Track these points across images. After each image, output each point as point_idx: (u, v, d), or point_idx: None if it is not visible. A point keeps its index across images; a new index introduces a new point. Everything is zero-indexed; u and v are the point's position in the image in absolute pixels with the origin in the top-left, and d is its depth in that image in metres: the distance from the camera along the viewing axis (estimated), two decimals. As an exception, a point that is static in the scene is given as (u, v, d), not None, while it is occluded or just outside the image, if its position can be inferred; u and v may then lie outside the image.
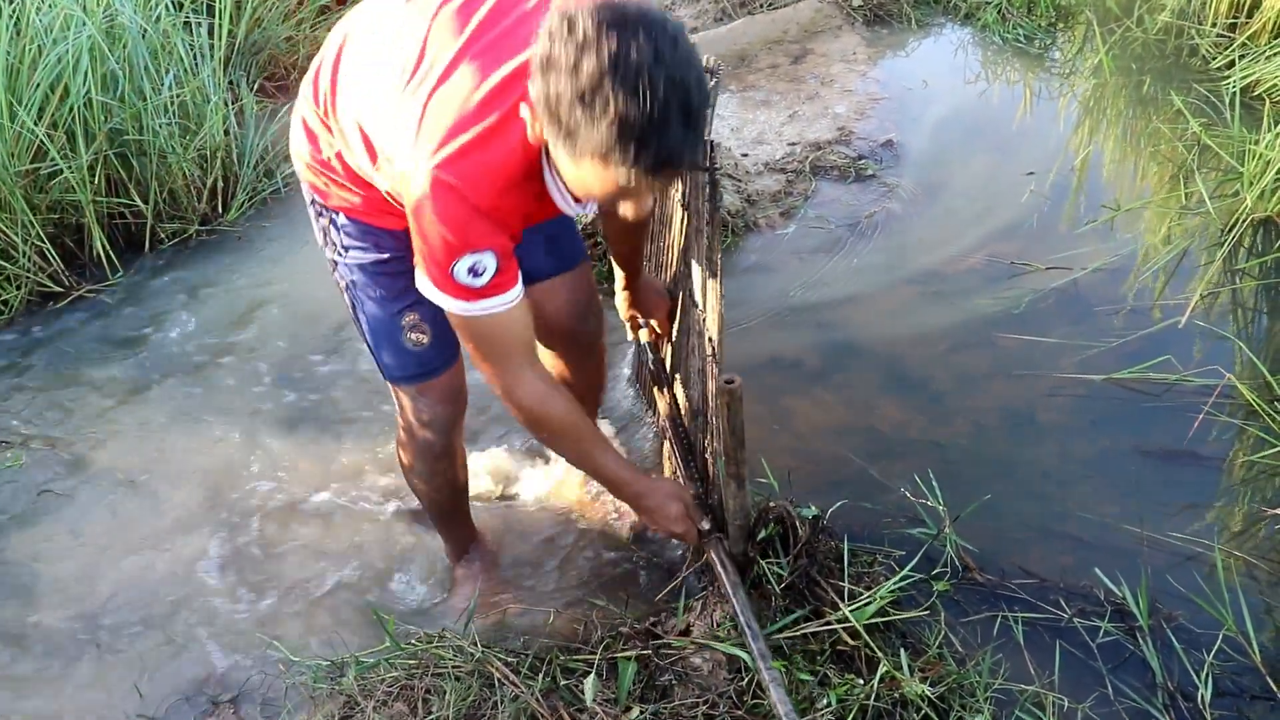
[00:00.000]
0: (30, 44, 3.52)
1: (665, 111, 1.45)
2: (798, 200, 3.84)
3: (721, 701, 1.98)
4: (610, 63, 1.43)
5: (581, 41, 1.44)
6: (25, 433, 3.00)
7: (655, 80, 1.43)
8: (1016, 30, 4.97)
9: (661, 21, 1.47)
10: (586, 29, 1.44)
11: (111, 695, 2.30)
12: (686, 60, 1.47)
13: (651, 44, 1.44)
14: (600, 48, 1.43)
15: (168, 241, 3.79)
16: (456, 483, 2.34)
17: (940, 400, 2.91)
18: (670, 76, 1.44)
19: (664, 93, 1.44)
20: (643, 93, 1.43)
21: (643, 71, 1.43)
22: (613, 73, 1.43)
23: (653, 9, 1.48)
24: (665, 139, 1.47)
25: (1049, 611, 2.28)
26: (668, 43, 1.45)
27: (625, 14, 1.45)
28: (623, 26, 1.44)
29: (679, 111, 1.46)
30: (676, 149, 1.49)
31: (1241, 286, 3.26)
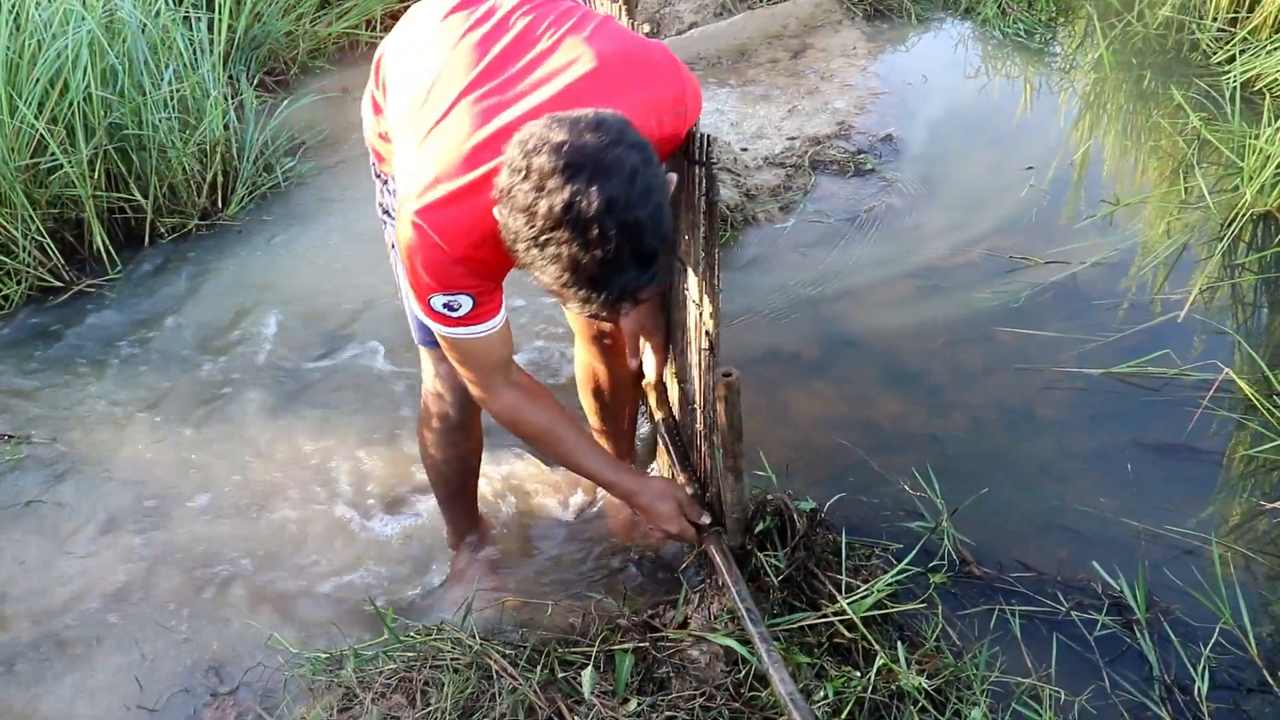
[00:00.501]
0: (30, 39, 3.53)
1: (618, 257, 1.48)
2: (797, 195, 3.84)
3: (719, 694, 1.99)
4: (563, 211, 1.45)
5: (537, 184, 1.46)
6: (25, 427, 3.00)
7: (607, 229, 1.45)
8: (1017, 25, 4.97)
9: (619, 160, 1.47)
10: (543, 170, 1.46)
11: (111, 686, 2.30)
12: (643, 197, 1.47)
13: (606, 189, 1.45)
14: (553, 194, 1.45)
15: (167, 236, 3.79)
16: (468, 461, 2.35)
17: (938, 394, 2.91)
18: (623, 222, 1.46)
19: (616, 240, 1.47)
20: (594, 242, 1.46)
21: (594, 221, 1.45)
22: (565, 222, 1.46)
23: (615, 139, 1.48)
24: (617, 282, 1.51)
25: (1046, 605, 2.28)
26: (623, 183, 1.46)
27: (583, 154, 1.46)
28: (578, 170, 1.45)
29: (631, 256, 1.49)
30: (630, 288, 1.53)
31: (1241, 281, 3.26)
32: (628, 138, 1.50)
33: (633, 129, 1.53)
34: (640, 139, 1.52)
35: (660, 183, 1.53)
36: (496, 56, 1.77)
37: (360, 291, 3.45)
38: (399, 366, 3.14)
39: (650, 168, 1.51)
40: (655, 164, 1.53)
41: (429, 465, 2.38)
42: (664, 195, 1.53)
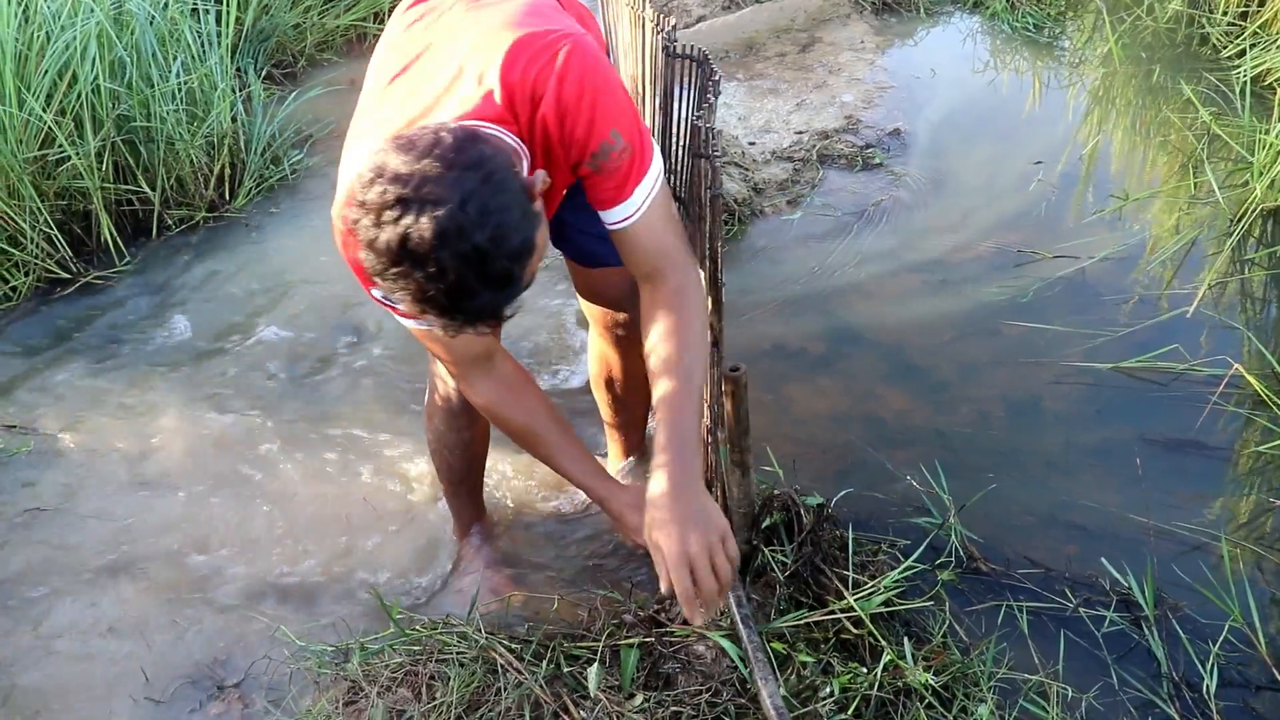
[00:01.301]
0: (38, 31, 3.53)
1: (463, 285, 1.45)
2: (805, 189, 3.83)
3: (725, 689, 1.98)
4: (399, 246, 1.42)
5: (374, 219, 1.44)
6: (32, 418, 3.01)
7: (443, 261, 1.42)
8: (1025, 19, 4.96)
9: (452, 185, 1.42)
10: (376, 204, 1.43)
11: (117, 677, 2.31)
12: (480, 221, 1.42)
13: (436, 221, 1.41)
14: (388, 229, 1.43)
15: (175, 228, 3.79)
16: (471, 447, 2.35)
17: (946, 389, 2.91)
18: (460, 252, 1.42)
19: (456, 270, 1.43)
20: (435, 275, 1.44)
21: (430, 255, 1.42)
22: (403, 257, 1.43)
23: (450, 163, 1.44)
24: (471, 306, 1.48)
25: (1054, 601, 2.27)
26: (453, 212, 1.41)
27: (412, 184, 1.42)
28: (408, 203, 1.42)
29: (479, 280, 1.45)
30: (488, 309, 1.50)
31: (1250, 276, 3.24)
32: (464, 158, 1.45)
33: (476, 143, 1.48)
34: (482, 154, 1.47)
35: (506, 200, 1.47)
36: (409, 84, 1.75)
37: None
38: (407, 357, 3.14)
39: (490, 185, 1.45)
40: (499, 179, 1.46)
41: (434, 451, 2.38)
42: (510, 213, 1.46)
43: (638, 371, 2.39)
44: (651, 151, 1.75)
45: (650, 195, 1.75)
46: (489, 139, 1.53)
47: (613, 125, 1.67)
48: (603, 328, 2.34)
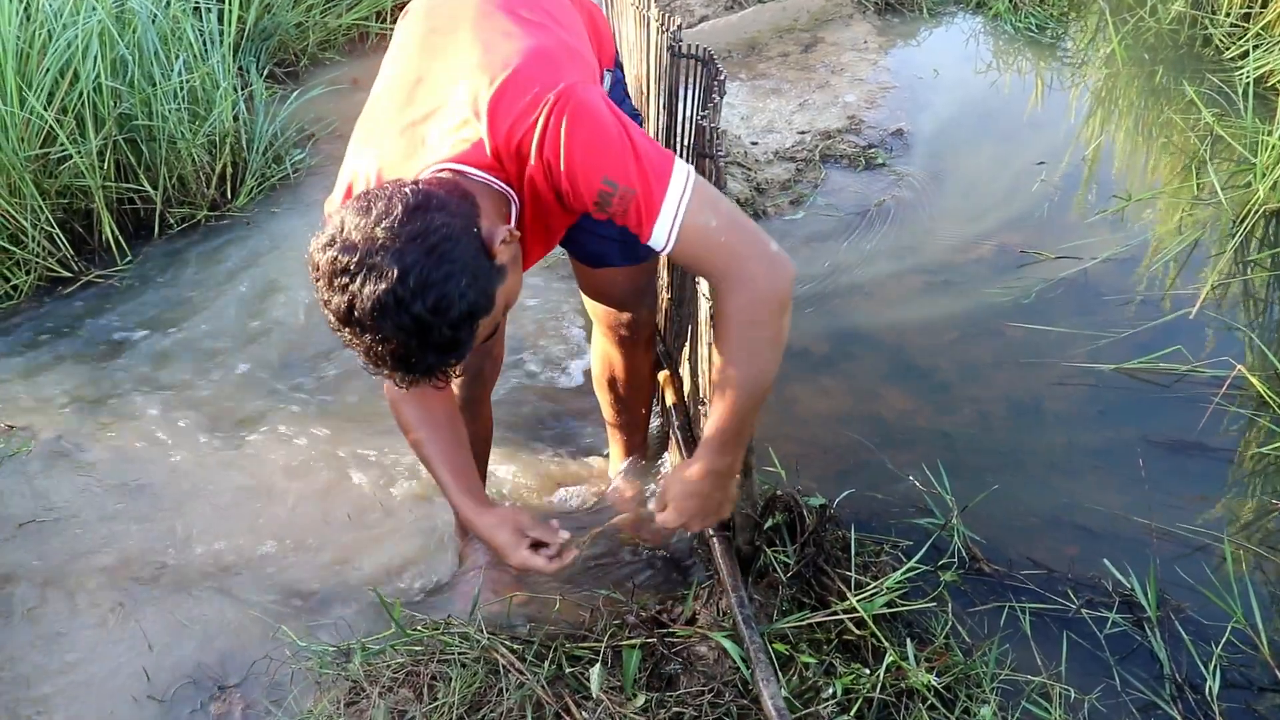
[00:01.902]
0: (40, 29, 3.53)
1: (406, 351, 1.51)
2: (807, 188, 3.83)
3: (727, 690, 1.98)
4: (347, 313, 1.49)
5: (326, 283, 1.50)
6: (31, 417, 3.00)
7: (384, 330, 1.48)
8: (1028, 19, 4.95)
9: (395, 257, 1.46)
10: (326, 269, 1.50)
11: (118, 678, 2.30)
12: (419, 293, 1.46)
13: (376, 293, 1.46)
14: (336, 294, 1.49)
15: (176, 227, 3.79)
16: (473, 448, 2.33)
17: (948, 389, 2.91)
18: (400, 324, 1.47)
19: (398, 339, 1.49)
20: (378, 341, 1.50)
21: (372, 324, 1.48)
22: (349, 323, 1.50)
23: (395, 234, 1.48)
24: (416, 368, 1.54)
25: (1056, 602, 2.27)
26: (394, 285, 1.46)
27: (358, 254, 1.47)
28: (354, 273, 1.47)
29: (420, 347, 1.50)
30: (430, 370, 1.55)
31: (1253, 277, 3.24)
32: (411, 229, 1.48)
33: (427, 212, 1.51)
34: (430, 224, 1.50)
35: (450, 269, 1.49)
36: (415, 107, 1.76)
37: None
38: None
39: (434, 256, 1.48)
40: (444, 249, 1.49)
41: None
42: (453, 281, 1.49)
43: (640, 371, 2.39)
44: (665, 179, 1.64)
45: (676, 221, 1.64)
46: (448, 200, 1.55)
47: (603, 174, 1.62)
48: (606, 327, 2.33)
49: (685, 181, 1.65)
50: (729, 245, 1.67)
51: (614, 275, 2.19)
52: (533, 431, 2.89)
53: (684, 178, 1.65)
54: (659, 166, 1.65)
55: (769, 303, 1.67)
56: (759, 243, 1.68)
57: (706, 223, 1.65)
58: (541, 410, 2.95)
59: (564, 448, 2.83)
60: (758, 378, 1.74)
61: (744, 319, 1.68)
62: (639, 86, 2.57)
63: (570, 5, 1.94)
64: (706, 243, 1.66)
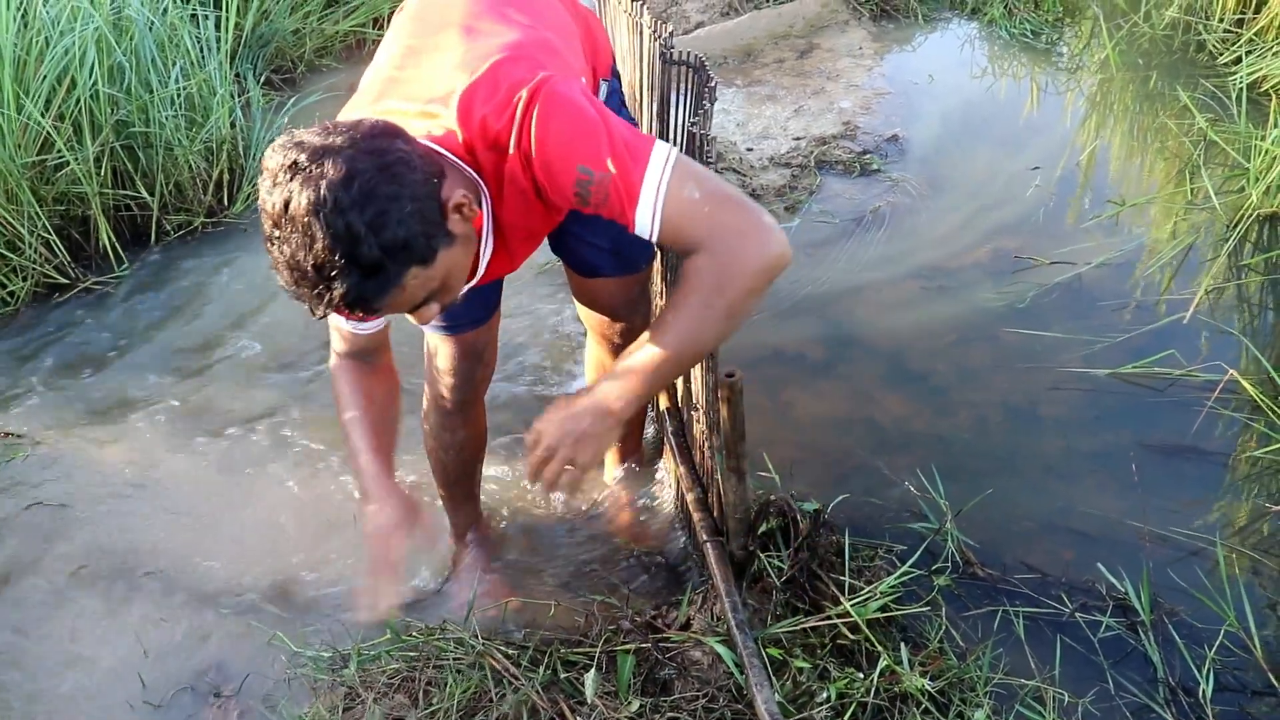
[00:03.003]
0: (38, 36, 3.54)
1: (330, 261, 1.45)
2: (803, 195, 3.84)
3: (721, 695, 1.98)
4: (281, 209, 1.46)
5: (269, 184, 1.47)
6: (29, 424, 3.01)
7: (313, 231, 1.44)
8: (1023, 25, 4.96)
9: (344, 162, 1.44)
10: (272, 169, 1.47)
11: (114, 685, 2.31)
12: (360, 202, 1.44)
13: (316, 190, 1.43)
14: (275, 192, 1.46)
15: (173, 234, 3.80)
16: (466, 449, 2.35)
17: (943, 394, 2.91)
18: (332, 226, 1.43)
19: (325, 243, 1.44)
20: (305, 244, 1.45)
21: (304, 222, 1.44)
22: (282, 220, 1.46)
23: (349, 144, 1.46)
24: (338, 287, 1.48)
25: (1050, 606, 2.27)
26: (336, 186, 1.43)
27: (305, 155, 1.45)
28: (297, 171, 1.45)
29: (346, 261, 1.46)
30: (348, 293, 1.49)
31: (1247, 282, 3.25)
32: (371, 144, 1.47)
33: (393, 138, 1.50)
34: (390, 146, 1.48)
35: (397, 191, 1.47)
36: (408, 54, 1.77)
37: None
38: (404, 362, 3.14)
39: (385, 173, 1.46)
40: (397, 171, 1.47)
41: (429, 451, 2.38)
42: (398, 205, 1.47)
43: None
44: (643, 162, 1.60)
45: (658, 203, 1.59)
46: (414, 142, 1.54)
47: (578, 162, 1.59)
48: (600, 335, 2.34)
49: (665, 162, 1.60)
50: (712, 215, 1.60)
51: (607, 285, 2.19)
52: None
53: (664, 158, 1.61)
54: (636, 150, 1.61)
55: (748, 275, 1.59)
56: (747, 216, 1.61)
57: (689, 195, 1.60)
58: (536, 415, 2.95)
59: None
60: (696, 342, 1.66)
61: (710, 281, 1.60)
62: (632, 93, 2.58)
63: (563, 11, 1.95)
64: (689, 215, 1.60)
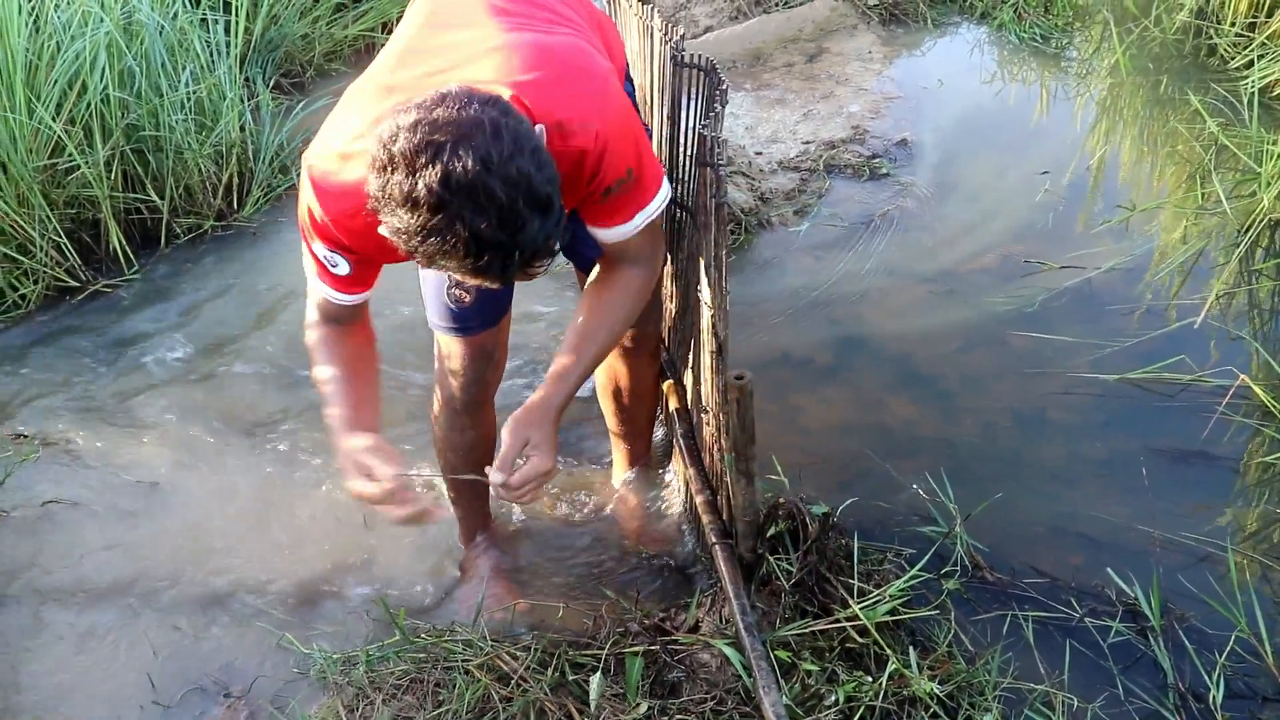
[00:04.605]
0: (49, 40, 3.55)
1: (514, 211, 1.43)
2: (811, 198, 3.84)
3: (729, 698, 1.98)
4: (442, 186, 1.40)
5: (407, 170, 1.41)
6: (40, 426, 3.01)
7: (492, 188, 1.41)
8: (1033, 29, 4.96)
9: (477, 119, 1.43)
10: (406, 154, 1.41)
11: (124, 685, 2.31)
12: (515, 145, 1.43)
13: (477, 150, 1.40)
14: (426, 172, 1.40)
15: (183, 237, 3.81)
16: (476, 450, 2.34)
17: (952, 398, 2.91)
18: (506, 176, 1.42)
19: (506, 195, 1.41)
20: (485, 205, 1.41)
21: (478, 184, 1.40)
22: (451, 196, 1.40)
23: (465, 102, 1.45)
24: (524, 238, 1.46)
25: (1060, 611, 2.27)
26: (489, 139, 1.42)
27: (439, 126, 1.42)
28: (441, 144, 1.40)
29: (528, 205, 1.44)
30: (539, 239, 1.47)
31: (1258, 287, 3.24)
32: (479, 97, 1.46)
33: (479, 91, 1.50)
34: (491, 95, 1.49)
35: (529, 128, 1.48)
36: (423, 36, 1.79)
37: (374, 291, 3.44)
38: (414, 366, 3.15)
39: (511, 117, 1.46)
40: (515, 114, 1.48)
41: (439, 452, 2.38)
42: (537, 139, 1.49)
43: (644, 382, 2.40)
44: (658, 181, 1.87)
45: (649, 216, 1.86)
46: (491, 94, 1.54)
47: (628, 164, 1.76)
48: None
49: (662, 192, 1.88)
50: (657, 245, 1.96)
51: None
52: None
53: (664, 189, 1.89)
54: (654, 171, 1.87)
55: (650, 287, 1.99)
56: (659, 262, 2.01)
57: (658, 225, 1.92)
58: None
59: (567, 456, 2.83)
60: (618, 334, 2.00)
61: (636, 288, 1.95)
62: (643, 96, 2.58)
63: (583, 6, 1.98)
64: (652, 239, 1.92)
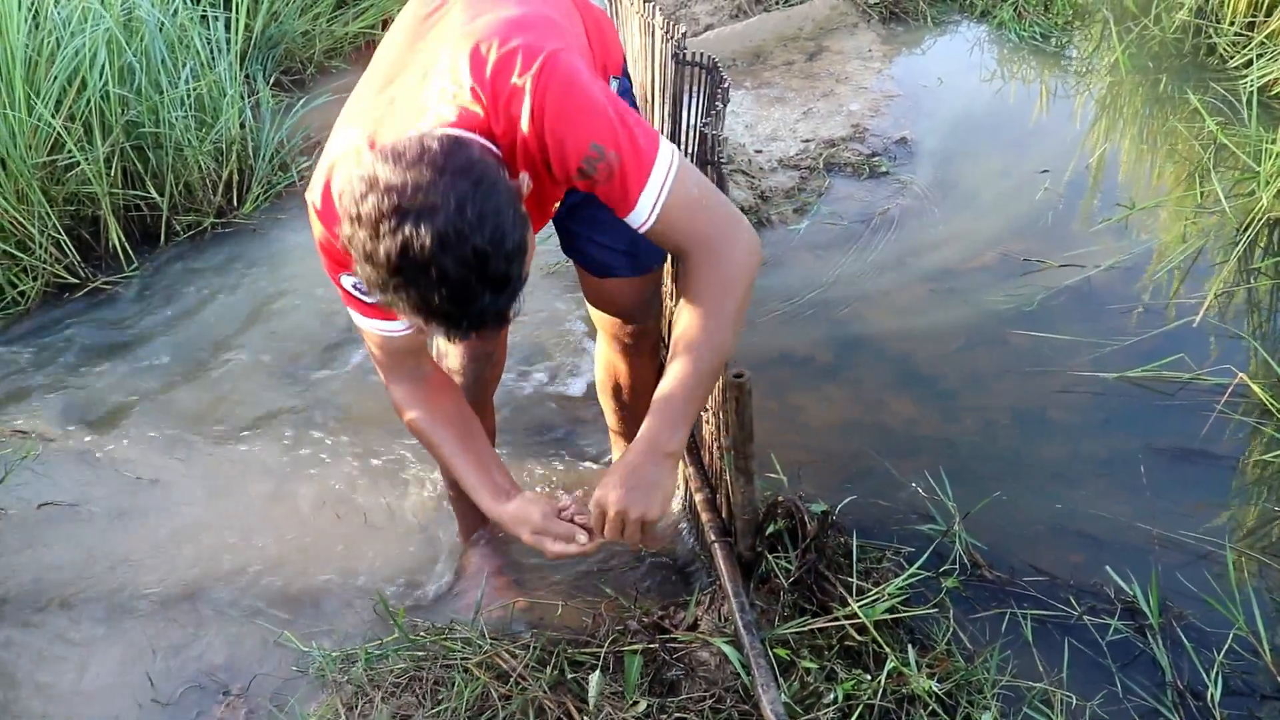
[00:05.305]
0: (49, 36, 3.55)
1: (465, 289, 1.46)
2: (811, 197, 3.84)
3: (728, 696, 1.98)
4: (400, 256, 1.42)
5: (371, 232, 1.44)
6: (40, 423, 3.02)
7: (445, 267, 1.43)
8: (1033, 28, 4.96)
9: (446, 192, 1.43)
10: (372, 217, 1.43)
11: (123, 683, 2.31)
12: (478, 224, 1.43)
13: (434, 227, 1.41)
14: (387, 239, 1.42)
15: (183, 234, 3.81)
16: None
17: (951, 397, 2.91)
18: (461, 256, 1.43)
19: (458, 274, 1.44)
20: (437, 281, 1.44)
21: (431, 262, 1.42)
22: (405, 267, 1.43)
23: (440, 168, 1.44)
24: (474, 310, 1.49)
25: (1058, 609, 2.27)
26: (451, 217, 1.42)
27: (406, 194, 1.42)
28: (405, 212, 1.42)
29: (480, 283, 1.46)
30: (485, 313, 1.50)
31: (1257, 285, 3.24)
32: (454, 162, 1.46)
33: (463, 147, 1.49)
34: (470, 159, 1.48)
35: (499, 202, 1.47)
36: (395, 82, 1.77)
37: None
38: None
39: (482, 189, 1.45)
40: (489, 182, 1.47)
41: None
42: (504, 214, 1.47)
43: (644, 379, 2.40)
44: (652, 151, 1.67)
45: (662, 194, 1.67)
46: (474, 143, 1.54)
47: (590, 139, 1.62)
48: (610, 336, 2.34)
49: (672, 155, 1.68)
50: (712, 218, 1.70)
51: (620, 286, 2.19)
52: (536, 437, 2.90)
53: (671, 153, 1.68)
54: (648, 139, 1.67)
55: (745, 275, 1.72)
56: (736, 217, 1.73)
57: (691, 194, 1.68)
58: (545, 416, 2.96)
59: (567, 454, 2.83)
60: (723, 345, 1.75)
61: (720, 288, 1.71)
62: (644, 94, 2.59)
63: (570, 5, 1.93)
64: (692, 214, 1.69)
